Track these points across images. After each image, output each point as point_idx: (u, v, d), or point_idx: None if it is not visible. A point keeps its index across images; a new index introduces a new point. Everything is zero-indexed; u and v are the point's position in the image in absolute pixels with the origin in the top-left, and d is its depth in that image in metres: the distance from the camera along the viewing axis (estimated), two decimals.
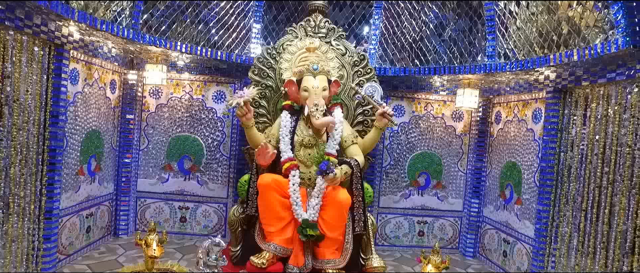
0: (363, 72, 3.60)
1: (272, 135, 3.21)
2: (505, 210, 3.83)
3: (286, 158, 3.07)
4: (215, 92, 4.13)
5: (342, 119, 3.21)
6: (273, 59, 3.56)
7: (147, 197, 4.15)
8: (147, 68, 3.64)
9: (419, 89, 4.26)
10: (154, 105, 4.09)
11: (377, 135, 3.27)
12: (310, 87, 3.10)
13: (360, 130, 3.59)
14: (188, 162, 4.14)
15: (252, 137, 3.23)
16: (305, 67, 3.16)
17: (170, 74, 4.05)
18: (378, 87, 3.26)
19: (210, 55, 3.62)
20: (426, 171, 4.33)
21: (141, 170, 4.12)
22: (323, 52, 3.43)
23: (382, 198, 4.32)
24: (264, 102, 3.57)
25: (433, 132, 4.31)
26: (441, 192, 4.36)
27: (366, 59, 3.61)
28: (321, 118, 3.03)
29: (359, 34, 4.16)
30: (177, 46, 3.43)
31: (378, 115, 3.15)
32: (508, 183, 3.81)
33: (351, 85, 3.37)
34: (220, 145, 4.15)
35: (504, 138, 3.94)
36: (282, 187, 2.97)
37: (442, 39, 3.81)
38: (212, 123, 4.13)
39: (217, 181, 4.17)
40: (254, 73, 3.55)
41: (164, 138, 4.11)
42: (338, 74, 3.49)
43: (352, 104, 3.60)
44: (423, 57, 3.89)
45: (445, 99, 4.30)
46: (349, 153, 3.19)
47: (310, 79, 3.14)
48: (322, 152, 2.99)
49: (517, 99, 3.76)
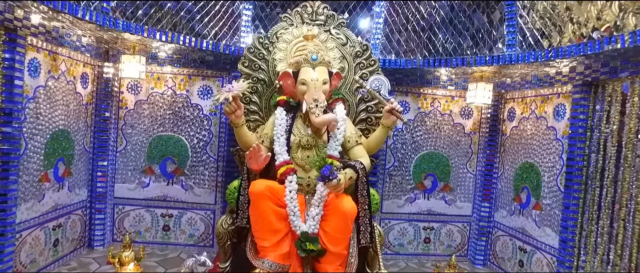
0: (366, 64, 3.23)
1: (265, 135, 2.82)
2: (521, 216, 3.49)
3: (282, 161, 2.68)
4: (201, 87, 3.73)
5: (344, 116, 2.84)
6: (265, 49, 3.17)
7: (126, 203, 3.74)
8: (122, 60, 3.22)
9: (425, 84, 3.91)
10: (133, 102, 3.67)
11: (383, 135, 2.91)
12: (309, 80, 2.72)
13: (363, 129, 3.22)
14: (171, 165, 3.74)
15: (242, 138, 2.84)
16: (302, 57, 2.77)
17: (151, 66, 3.64)
18: (385, 80, 2.88)
19: (194, 44, 3.21)
20: (433, 173, 3.98)
21: (119, 174, 3.70)
22: (322, 41, 3.05)
23: (385, 202, 3.96)
24: (256, 98, 3.18)
25: (440, 131, 3.96)
26: (449, 195, 4.02)
27: (369, 50, 3.24)
28: (321, 115, 2.65)
29: (361, 22, 3.77)
30: (155, 34, 3.01)
31: (385, 112, 2.78)
32: (524, 187, 3.47)
33: (354, 78, 2.98)
34: (207, 145, 3.75)
35: (519, 137, 3.60)
36: (278, 194, 2.59)
37: (454, 27, 3.45)
38: (198, 121, 3.73)
39: (204, 186, 3.78)
40: (244, 65, 3.16)
41: (144, 139, 3.70)
42: (339, 66, 3.11)
43: (354, 99, 3.23)
44: (432, 48, 3.53)
45: (454, 94, 3.95)
46: (353, 155, 2.81)
47: (308, 70, 2.75)
48: (323, 154, 2.60)
49: (535, 93, 3.42)
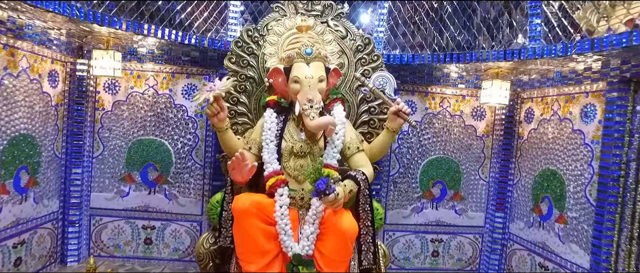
0: (368, 59, 2.87)
1: (253, 140, 2.47)
2: (542, 229, 3.13)
3: (271, 171, 2.33)
4: (185, 85, 3.37)
5: (344, 119, 2.48)
6: (255, 43, 2.82)
7: (103, 214, 3.39)
8: (94, 55, 2.86)
9: (434, 82, 3.54)
10: (110, 103, 3.32)
11: (388, 140, 2.55)
12: (303, 78, 2.36)
13: (365, 133, 2.86)
14: (153, 172, 3.39)
15: (227, 143, 2.49)
16: (295, 50, 2.42)
17: (130, 63, 3.29)
18: (390, 78, 2.52)
19: (174, 38, 2.85)
20: (442, 180, 3.62)
21: (95, 182, 3.35)
22: (318, 34, 2.69)
23: (389, 212, 3.60)
24: (244, 97, 2.83)
25: (450, 133, 3.59)
26: (459, 205, 3.66)
27: (372, 43, 2.88)
28: (317, 118, 2.30)
29: (362, 13, 3.41)
30: (128, 26, 2.65)
31: (391, 114, 2.43)
32: (545, 196, 3.11)
33: (355, 75, 2.62)
34: (193, 150, 3.39)
35: (538, 140, 3.23)
36: (266, 210, 2.23)
37: (468, 17, 3.08)
38: (182, 124, 3.38)
39: (189, 195, 3.42)
40: (231, 61, 2.81)
41: (122, 143, 3.34)
42: (337, 62, 2.75)
43: (355, 99, 2.87)
44: (443, 42, 3.16)
45: (465, 93, 3.59)
46: (354, 163, 2.45)
47: (302, 66, 2.39)
48: (319, 163, 2.23)
49: (557, 92, 3.05)
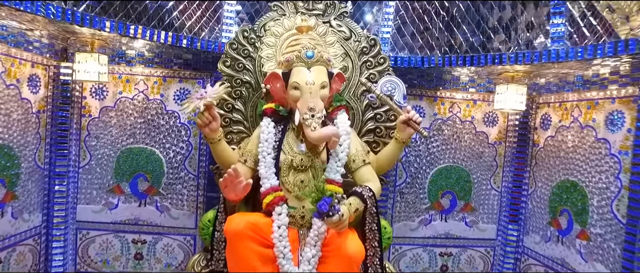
0: (374, 62, 2.65)
1: (248, 152, 2.25)
2: (561, 244, 2.90)
3: (268, 187, 2.11)
4: (177, 90, 3.16)
5: (348, 128, 2.25)
6: (251, 45, 2.60)
7: (91, 228, 3.17)
8: (76, 58, 2.64)
9: (443, 85, 3.33)
10: (97, 109, 3.10)
11: (397, 151, 2.33)
12: (303, 84, 2.14)
13: (371, 142, 2.65)
14: (143, 183, 3.17)
15: (220, 155, 2.28)
16: (295, 53, 2.19)
17: (119, 67, 3.07)
18: (399, 83, 2.30)
19: (163, 40, 2.63)
20: (451, 190, 3.40)
21: (82, 194, 3.13)
22: (320, 35, 2.47)
23: (395, 225, 3.37)
24: (240, 104, 2.62)
25: (460, 141, 3.37)
26: (470, 216, 3.44)
27: (378, 45, 2.67)
28: (319, 129, 2.07)
29: (367, 12, 3.18)
30: (112, 26, 2.43)
31: (400, 123, 2.21)
32: (564, 209, 2.89)
33: (361, 81, 2.39)
34: (186, 159, 3.17)
35: (556, 149, 3.01)
36: (262, 232, 2.01)
37: (482, 17, 2.86)
38: (175, 131, 3.16)
39: (182, 207, 3.21)
40: (225, 64, 2.60)
41: (111, 152, 3.13)
42: (341, 65, 2.53)
43: (360, 105, 2.65)
44: (454, 43, 2.94)
45: (476, 98, 3.36)
46: (359, 177, 2.23)
47: (302, 71, 2.17)
48: (321, 181, 2.00)
49: (578, 97, 2.83)
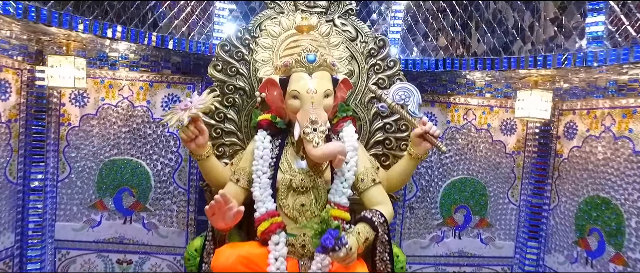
0: (383, 66, 2.37)
1: (242, 170, 1.96)
2: (590, 267, 2.62)
3: (264, 212, 1.82)
4: (165, 96, 2.88)
5: (356, 143, 1.96)
6: (246, 47, 2.32)
7: (71, 247, 2.89)
8: (49, 62, 2.36)
9: (457, 90, 3.04)
10: (78, 117, 2.82)
11: (411, 168, 2.05)
12: (304, 92, 1.85)
13: (380, 155, 2.37)
14: (128, 198, 2.89)
15: (209, 174, 2.01)
16: (294, 57, 1.90)
17: (100, 71, 2.79)
18: (413, 91, 2.00)
19: (147, 41, 2.34)
20: (465, 204, 3.12)
21: (61, 210, 2.85)
22: (323, 35, 2.18)
23: (405, 243, 3.09)
24: (233, 113, 2.33)
25: (475, 150, 3.08)
26: (486, 233, 3.15)
27: (387, 46, 2.38)
28: (323, 145, 1.79)
29: (374, 10, 2.90)
30: (86, 26, 2.14)
31: (415, 136, 1.92)
32: (594, 229, 2.60)
33: (370, 88, 2.10)
34: (175, 172, 2.89)
35: (583, 161, 2.72)
36: (257, 266, 1.72)
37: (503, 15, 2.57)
38: (163, 141, 2.87)
39: (172, 224, 2.93)
40: (216, 68, 2.31)
41: (92, 164, 2.84)
42: (346, 70, 2.24)
43: (367, 114, 2.36)
44: (471, 44, 2.65)
45: (493, 104, 3.08)
46: (368, 199, 1.94)
47: (303, 77, 1.88)
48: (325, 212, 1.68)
49: (611, 104, 2.54)
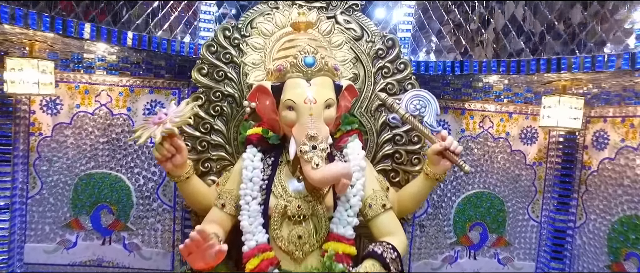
0: (392, 68, 2.07)
1: (228, 193, 1.66)
2: None
3: (254, 247, 1.52)
4: (148, 102, 2.58)
5: (363, 162, 1.66)
6: (235, 47, 2.03)
7: (43, 271, 2.60)
8: (8, 64, 2.05)
9: (473, 95, 2.75)
10: (50, 126, 2.52)
11: (427, 189, 1.75)
12: (301, 102, 1.54)
13: (388, 171, 2.07)
14: (107, 216, 2.60)
15: (191, 197, 1.73)
16: (290, 60, 1.59)
17: (74, 74, 2.50)
18: (430, 99, 1.71)
19: (121, 41, 2.04)
20: (481, 221, 2.82)
21: (31, 231, 2.56)
22: (323, 34, 1.88)
23: (414, 264, 2.79)
24: (220, 123, 2.04)
25: (492, 162, 2.78)
26: (503, 252, 2.86)
27: (397, 46, 2.09)
28: (324, 166, 1.48)
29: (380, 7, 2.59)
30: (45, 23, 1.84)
31: (433, 153, 1.62)
32: (632, 253, 2.31)
33: (381, 97, 1.79)
34: (159, 187, 2.60)
35: (616, 175, 2.42)
36: None
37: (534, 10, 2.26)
38: (145, 153, 2.58)
39: (156, 245, 2.64)
40: (201, 72, 2.02)
41: (67, 179, 2.55)
42: (350, 74, 1.95)
43: (374, 124, 2.07)
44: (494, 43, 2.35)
45: (511, 110, 2.78)
46: (378, 229, 1.64)
47: (299, 84, 1.57)
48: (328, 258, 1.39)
49: None
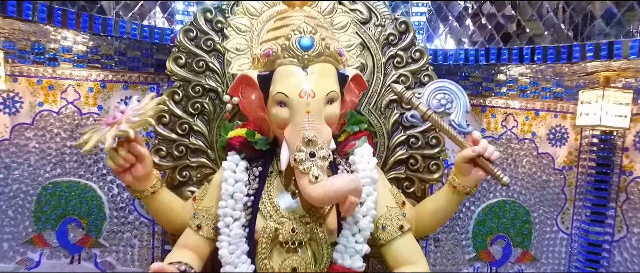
0: (406, 57, 1.74)
1: (205, 212, 1.33)
2: None
3: None
4: (122, 99, 2.25)
5: (375, 174, 1.30)
6: (218, 32, 1.70)
7: None
8: None
9: (494, 91, 2.41)
10: (8, 127, 2.19)
11: (453, 205, 1.42)
12: (295, 95, 1.18)
13: (400, 178, 1.74)
14: (76, 231, 2.27)
15: (161, 216, 1.42)
16: (281, 41, 1.24)
17: (36, 68, 2.17)
18: (458, 92, 1.35)
19: (81, 26, 1.69)
20: (504, 234, 2.49)
21: None
22: (323, 13, 1.54)
23: None
24: (201, 124, 1.72)
25: (516, 166, 2.45)
26: (529, 268, 2.53)
27: (411, 31, 1.75)
28: (325, 179, 1.13)
29: None
30: None
31: (462, 161, 1.28)
32: None
33: (396, 89, 1.43)
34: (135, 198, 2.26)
35: None
36: None
37: None
38: None
39: (132, 262, 2.31)
40: (177, 62, 1.69)
41: (29, 188, 2.22)
42: (358, 62, 1.61)
43: (385, 123, 1.73)
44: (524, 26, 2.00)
45: (538, 107, 2.45)
46: (393, 256, 1.29)
47: (294, 73, 1.22)
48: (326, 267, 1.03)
49: None
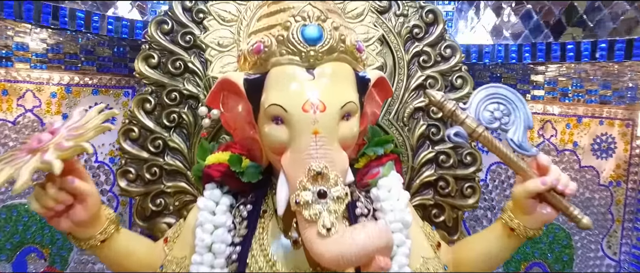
0: (434, 56, 1.41)
1: (175, 264, 0.98)
2: None
3: None
4: (91, 107, 1.90)
5: (409, 216, 0.93)
6: (199, 25, 1.37)
7: None
8: None
9: (529, 93, 2.08)
10: None
11: (506, 251, 1.09)
12: (297, 109, 0.81)
13: (427, 204, 1.39)
14: (37, 262, 1.94)
15: (117, 268, 1.04)
16: (276, 31, 0.86)
17: None
18: (518, 101, 1.00)
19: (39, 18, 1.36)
20: (541, 261, 2.16)
21: None
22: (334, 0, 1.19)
23: None
24: (178, 139, 1.40)
25: None
26: None
27: (441, 22, 1.42)
28: (341, 230, 0.78)
29: None
30: None
31: (525, 195, 0.93)
32: None
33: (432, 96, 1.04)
34: None
35: None
36: None
37: None
38: (90, 175, 1.90)
39: None
40: (148, 62, 1.37)
41: None
42: (377, 62, 1.27)
43: (409, 137, 1.39)
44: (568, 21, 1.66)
45: (581, 112, 2.10)
46: None
47: (294, 76, 0.84)
48: None
49: None
